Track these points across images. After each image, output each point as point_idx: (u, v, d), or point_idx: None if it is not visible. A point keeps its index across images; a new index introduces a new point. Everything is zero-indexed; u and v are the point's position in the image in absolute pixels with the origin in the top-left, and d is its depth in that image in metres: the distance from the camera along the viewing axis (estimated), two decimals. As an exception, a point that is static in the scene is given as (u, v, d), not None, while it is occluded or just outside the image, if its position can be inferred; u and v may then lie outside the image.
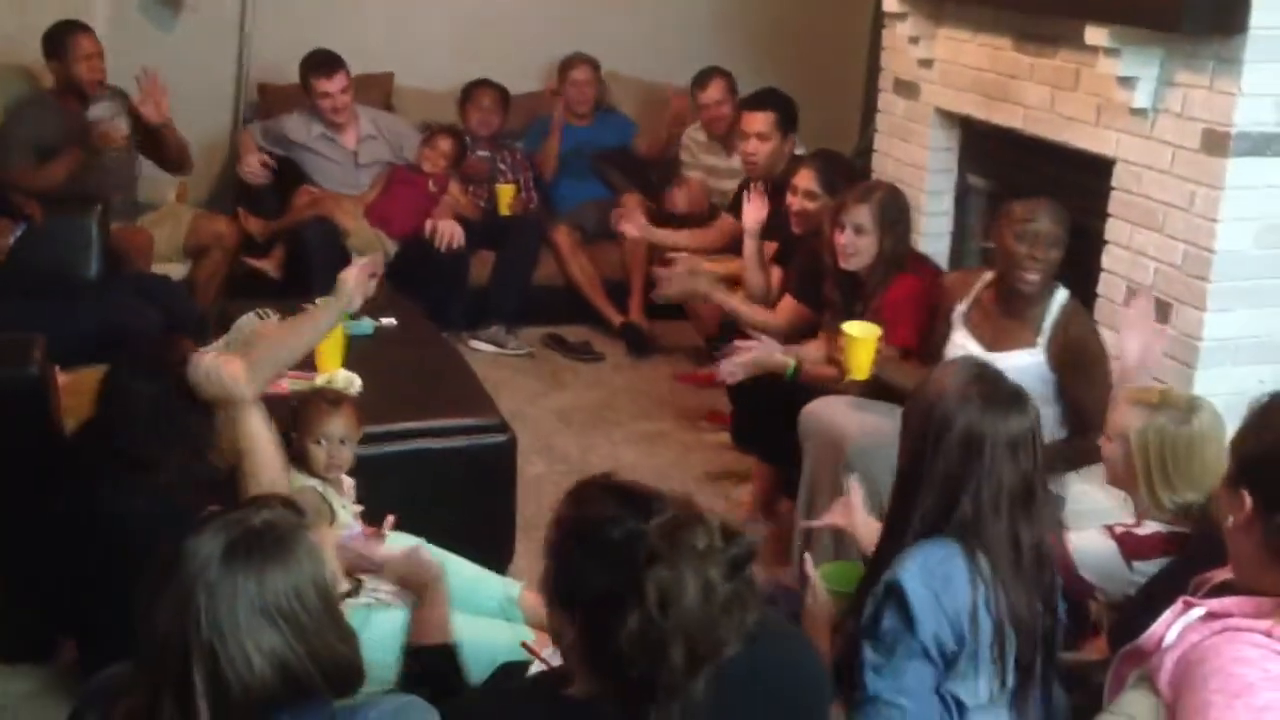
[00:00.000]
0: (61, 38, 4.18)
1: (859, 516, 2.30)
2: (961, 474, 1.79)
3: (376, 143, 4.80)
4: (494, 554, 2.80)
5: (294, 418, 2.47)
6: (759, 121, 4.11)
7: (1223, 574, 1.66)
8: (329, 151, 4.71)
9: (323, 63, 4.61)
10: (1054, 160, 3.44)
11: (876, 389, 2.99)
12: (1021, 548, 1.81)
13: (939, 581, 1.76)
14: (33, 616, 2.60)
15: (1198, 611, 1.54)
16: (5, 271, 3.34)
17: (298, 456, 2.45)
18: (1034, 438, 1.84)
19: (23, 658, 2.65)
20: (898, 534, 1.86)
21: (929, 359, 2.93)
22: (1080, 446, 2.74)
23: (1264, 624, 1.46)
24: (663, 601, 1.34)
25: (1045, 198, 2.87)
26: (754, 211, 3.80)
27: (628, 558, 1.35)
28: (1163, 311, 2.98)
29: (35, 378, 2.43)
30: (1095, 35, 2.98)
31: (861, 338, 2.87)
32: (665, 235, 4.51)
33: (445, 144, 4.74)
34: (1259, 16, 2.69)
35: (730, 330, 3.73)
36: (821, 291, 3.34)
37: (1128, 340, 2.91)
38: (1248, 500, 1.51)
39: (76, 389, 2.66)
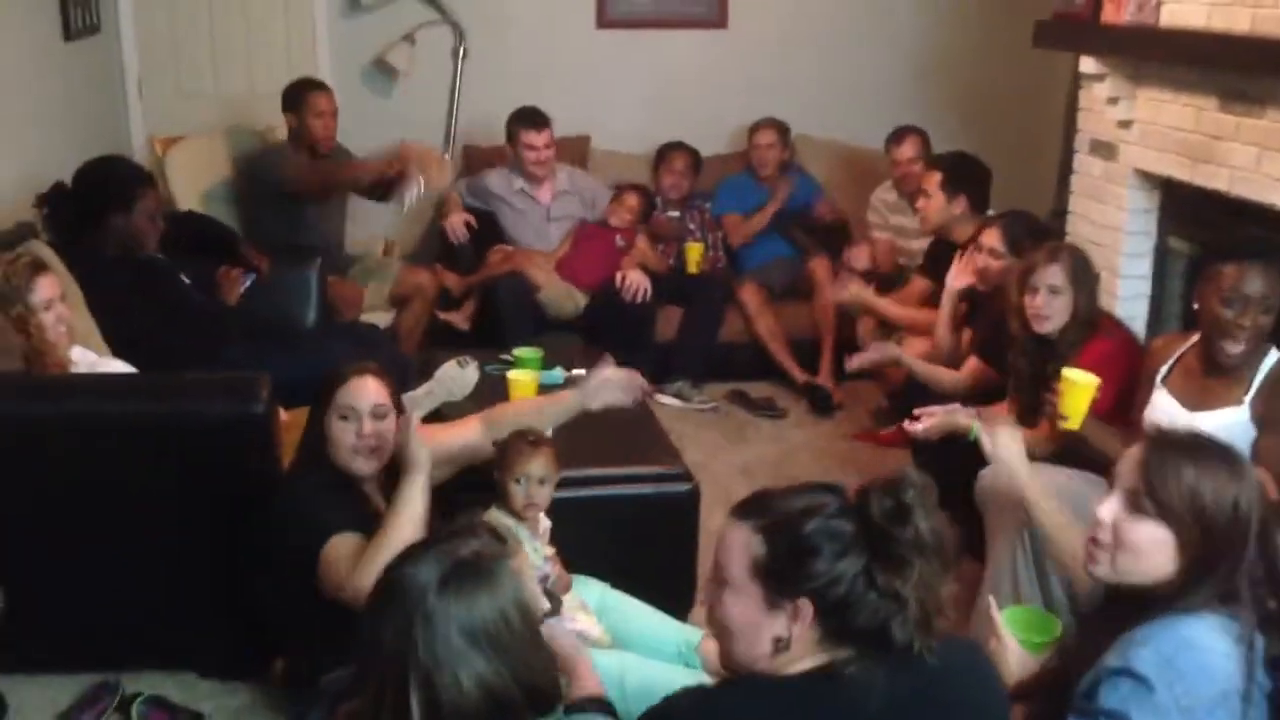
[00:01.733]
0: (301, 93, 4.51)
1: (1009, 642, 2.13)
2: (1238, 553, 1.72)
3: (570, 198, 4.99)
4: (675, 601, 2.85)
5: (498, 457, 2.57)
6: (926, 180, 4.19)
7: None
8: (524, 205, 4.92)
9: (531, 117, 4.84)
10: (1260, 222, 3.33)
11: (1061, 453, 2.94)
12: None
13: (1175, 675, 1.66)
14: (246, 636, 2.79)
15: None
16: (236, 317, 3.62)
17: (499, 494, 2.57)
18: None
19: (237, 675, 2.84)
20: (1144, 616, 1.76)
21: (1128, 425, 2.86)
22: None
23: None
24: (904, 560, 1.49)
25: (1257, 260, 2.72)
26: (961, 273, 3.80)
27: (867, 532, 1.52)
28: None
29: (262, 414, 2.63)
30: (1307, 94, 2.89)
31: (1081, 383, 2.79)
32: (882, 305, 4.42)
33: (632, 200, 4.92)
34: None
35: (914, 390, 3.73)
36: (1004, 354, 3.32)
37: None
38: None
39: (295, 425, 2.87)
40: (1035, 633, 2.02)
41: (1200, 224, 3.71)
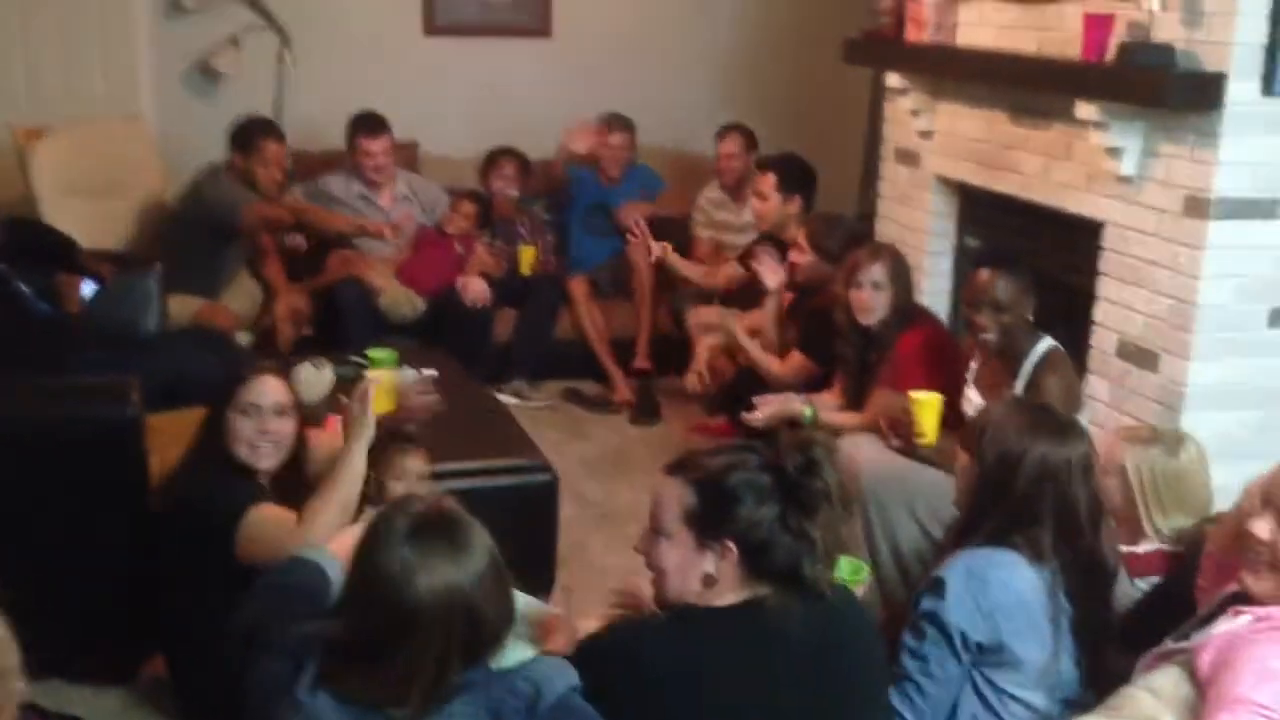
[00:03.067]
0: (251, 136, 4.63)
1: None
2: (1037, 494, 2.10)
3: (410, 204, 5.08)
4: (538, 585, 3.01)
5: (373, 462, 2.62)
6: (760, 182, 4.47)
7: (1231, 586, 1.91)
8: (365, 210, 4.98)
9: (369, 123, 4.92)
10: (1048, 223, 3.73)
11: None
12: (1098, 560, 2.13)
13: (978, 583, 2.06)
14: (115, 641, 2.81)
15: (1245, 617, 1.78)
16: (81, 325, 3.58)
17: (375, 495, 2.67)
18: (1091, 467, 2.15)
19: (105, 679, 2.84)
20: (961, 541, 2.17)
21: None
22: None
23: None
24: (814, 507, 1.75)
25: (1000, 267, 3.12)
26: (771, 273, 4.08)
27: (783, 483, 1.77)
28: (1150, 360, 3.25)
29: (133, 419, 2.66)
30: (1085, 110, 3.27)
31: (928, 401, 3.07)
32: (681, 265, 4.79)
33: (468, 208, 5.05)
34: (1234, 92, 2.97)
35: (745, 382, 4.01)
36: (828, 346, 3.62)
37: None
38: None
39: (156, 430, 2.90)
40: (851, 574, 2.34)
41: (994, 226, 4.11)
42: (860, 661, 1.87)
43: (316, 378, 3.31)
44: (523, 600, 2.13)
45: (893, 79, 4.30)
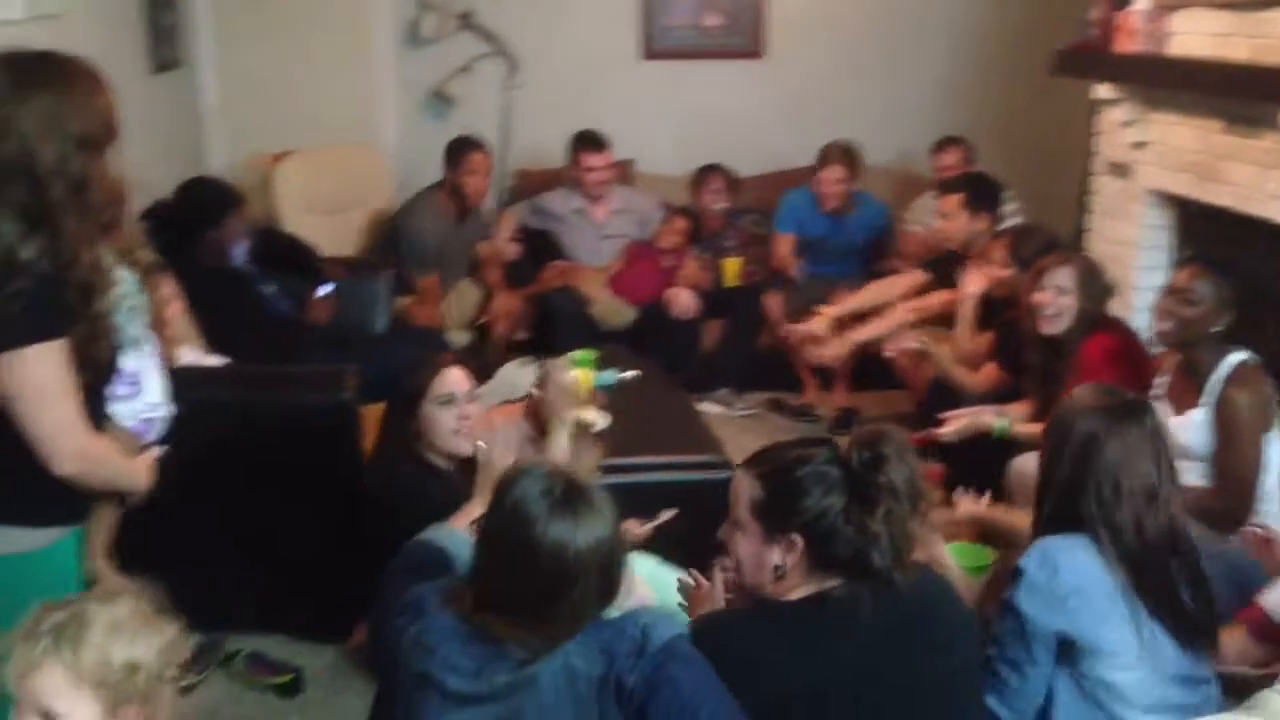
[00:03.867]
0: (460, 151, 4.96)
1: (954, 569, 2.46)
2: (1079, 476, 2.08)
3: (624, 217, 5.31)
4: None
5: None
6: (945, 203, 4.45)
7: None
8: (580, 223, 5.25)
9: (592, 140, 5.19)
10: (1264, 236, 3.58)
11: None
12: (1146, 535, 2.06)
13: (1049, 570, 2.05)
14: (329, 603, 3.10)
15: None
16: (314, 327, 3.97)
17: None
18: (1154, 441, 2.11)
19: (324, 638, 3.16)
20: (1036, 528, 2.18)
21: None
22: (1208, 504, 2.86)
23: None
24: (879, 500, 1.79)
25: (1204, 267, 3.04)
26: (973, 281, 4.07)
27: (848, 475, 1.81)
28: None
29: (347, 404, 2.95)
30: (1293, 117, 3.16)
31: None
32: (949, 366, 4.07)
33: (681, 224, 5.24)
34: None
35: (937, 398, 4.00)
36: (1019, 358, 3.59)
37: None
38: None
39: (372, 418, 3.19)
40: (972, 560, 2.34)
41: (1209, 239, 3.96)
42: (943, 652, 1.87)
43: (519, 375, 3.56)
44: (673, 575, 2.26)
45: (1103, 90, 4.22)
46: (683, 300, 5.03)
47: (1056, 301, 3.34)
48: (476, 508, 2.23)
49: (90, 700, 1.50)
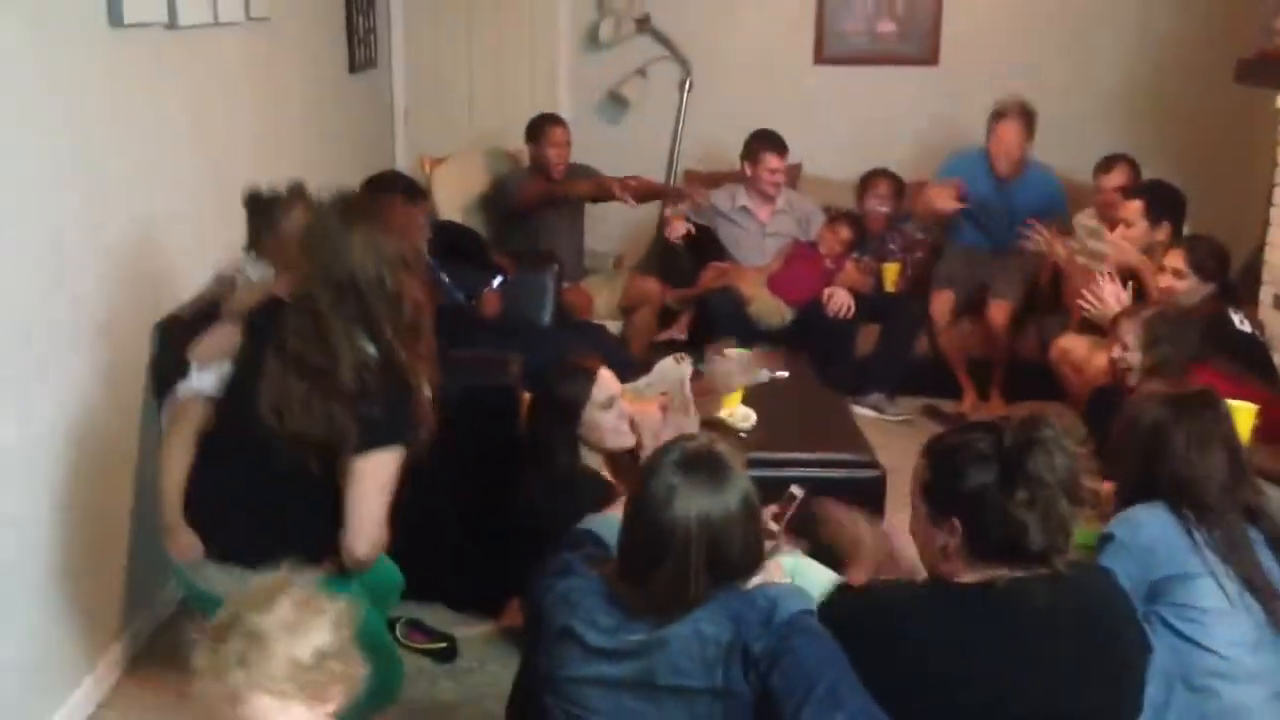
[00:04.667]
0: (541, 125, 5.14)
1: None
2: (1150, 458, 2.29)
3: (786, 217, 5.39)
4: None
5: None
6: (1125, 209, 4.39)
7: None
8: (743, 221, 5.35)
9: (775, 141, 5.27)
10: None
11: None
12: (1217, 505, 2.24)
13: (1129, 526, 2.28)
14: (485, 580, 3.28)
15: None
16: (483, 316, 4.20)
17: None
18: (1221, 428, 2.28)
19: (480, 610, 3.35)
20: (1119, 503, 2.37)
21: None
22: None
23: None
24: (1029, 482, 1.84)
25: None
26: (1112, 297, 4.00)
27: (1000, 456, 1.86)
28: None
29: (510, 387, 3.13)
30: None
31: (1239, 409, 3.01)
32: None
33: (845, 233, 5.29)
34: None
35: (1101, 405, 3.95)
36: None
37: None
38: None
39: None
40: (1082, 538, 2.45)
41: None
42: (1107, 640, 1.90)
43: (675, 370, 3.69)
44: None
45: (1284, 100, 4.10)
46: (840, 299, 5.08)
47: (1123, 357, 3.35)
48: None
49: (299, 702, 1.57)
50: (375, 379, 2.25)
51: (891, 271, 5.25)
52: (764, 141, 5.27)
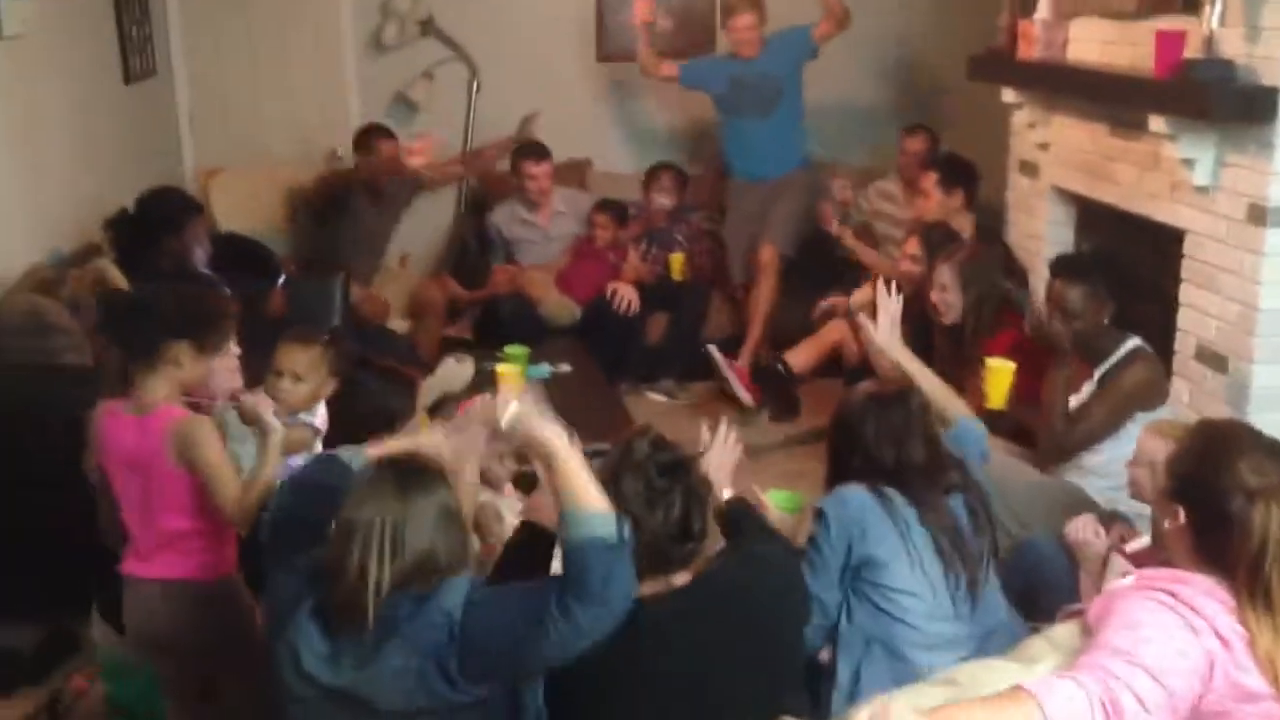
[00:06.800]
0: (369, 138, 5.37)
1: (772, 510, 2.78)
2: (849, 448, 2.50)
3: (566, 218, 5.60)
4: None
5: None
6: (924, 179, 4.78)
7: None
8: (527, 233, 5.57)
9: (534, 150, 5.48)
10: (1145, 232, 3.84)
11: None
12: (911, 484, 2.45)
13: (837, 501, 2.45)
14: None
15: (1131, 577, 2.02)
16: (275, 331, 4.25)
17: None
18: (913, 420, 2.48)
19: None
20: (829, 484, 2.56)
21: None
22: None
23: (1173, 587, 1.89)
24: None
25: (1069, 276, 3.38)
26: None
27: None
28: (1221, 364, 3.36)
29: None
30: (1156, 123, 3.42)
31: (999, 369, 3.37)
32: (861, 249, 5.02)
33: (602, 217, 5.52)
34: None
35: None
36: (929, 341, 3.87)
37: None
38: (1181, 514, 1.95)
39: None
40: (785, 503, 2.76)
41: (1105, 234, 4.22)
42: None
43: (457, 371, 3.85)
44: None
45: (1008, 94, 4.48)
46: (622, 295, 5.29)
47: (942, 298, 3.62)
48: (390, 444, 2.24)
49: None
50: None
51: (678, 261, 5.46)
52: (519, 153, 5.50)
